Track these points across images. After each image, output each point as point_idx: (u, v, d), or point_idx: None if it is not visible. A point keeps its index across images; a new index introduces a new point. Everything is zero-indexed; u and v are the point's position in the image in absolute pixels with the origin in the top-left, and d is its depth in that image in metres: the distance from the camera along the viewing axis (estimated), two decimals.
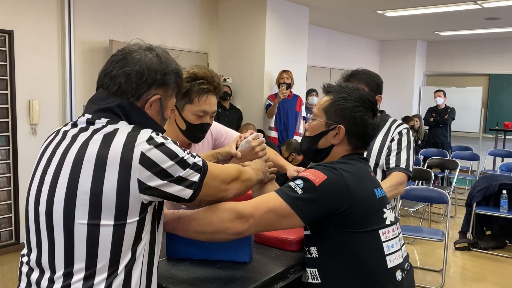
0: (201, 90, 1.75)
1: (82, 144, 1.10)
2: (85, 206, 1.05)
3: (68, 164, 1.09)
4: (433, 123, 7.29)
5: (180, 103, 1.77)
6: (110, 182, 1.05)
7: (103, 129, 1.11)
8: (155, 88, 1.19)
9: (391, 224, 1.43)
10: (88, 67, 4.66)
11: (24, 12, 4.17)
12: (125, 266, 1.10)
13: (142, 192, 1.07)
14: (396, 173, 2.12)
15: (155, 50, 1.23)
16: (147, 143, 1.08)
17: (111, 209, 1.05)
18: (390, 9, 6.26)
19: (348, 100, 1.48)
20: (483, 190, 4.61)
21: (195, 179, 1.14)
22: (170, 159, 1.09)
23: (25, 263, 1.16)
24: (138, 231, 1.10)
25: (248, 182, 1.38)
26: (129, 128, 1.12)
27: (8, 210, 4.21)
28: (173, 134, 1.84)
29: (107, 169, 1.05)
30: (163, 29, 5.39)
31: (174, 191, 1.11)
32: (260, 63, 5.69)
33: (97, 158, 1.06)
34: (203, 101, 1.76)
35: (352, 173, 1.39)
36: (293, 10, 5.96)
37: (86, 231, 1.05)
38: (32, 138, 4.29)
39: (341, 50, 8.51)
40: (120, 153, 1.06)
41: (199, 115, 1.77)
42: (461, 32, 8.11)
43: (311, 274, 1.42)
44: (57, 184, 1.08)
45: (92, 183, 1.05)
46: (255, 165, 1.53)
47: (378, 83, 2.23)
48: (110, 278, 1.08)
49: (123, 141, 1.08)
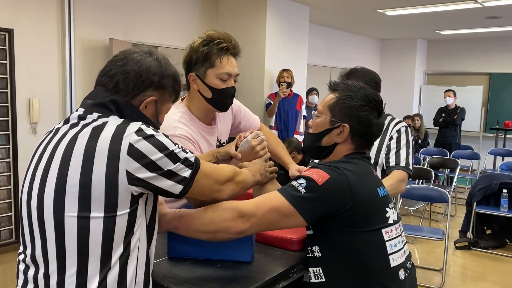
0: (220, 50, 1.70)
1: (71, 138, 1.10)
2: (75, 199, 1.05)
3: (57, 158, 1.09)
4: (443, 123, 7.23)
5: (201, 70, 1.72)
6: (99, 174, 1.05)
7: (92, 123, 1.12)
8: (151, 90, 1.20)
9: (393, 223, 1.43)
10: (88, 66, 4.66)
11: (24, 10, 4.16)
12: (119, 259, 1.09)
13: (131, 183, 1.07)
14: (396, 171, 2.12)
15: (155, 54, 1.24)
16: (136, 134, 1.08)
17: (100, 201, 1.05)
18: (390, 8, 6.25)
19: (354, 98, 1.47)
20: (484, 189, 4.61)
21: (186, 175, 1.14)
22: (159, 151, 1.09)
23: (22, 261, 1.17)
24: (129, 224, 1.10)
25: (243, 183, 1.37)
26: (119, 121, 1.12)
27: (8, 208, 4.21)
28: (198, 107, 1.80)
29: (95, 160, 1.05)
30: (163, 28, 5.38)
31: (164, 186, 1.11)
32: (260, 62, 5.68)
33: (85, 150, 1.07)
34: (225, 62, 1.71)
35: (355, 172, 1.39)
36: (293, 8, 5.95)
37: (76, 224, 1.06)
38: (32, 136, 4.28)
39: (342, 49, 8.50)
40: (108, 144, 1.06)
41: (224, 78, 1.72)
42: (462, 31, 8.11)
43: (314, 273, 1.41)
44: (47, 178, 1.09)
45: (81, 176, 1.05)
46: (253, 166, 1.52)
47: (376, 81, 2.22)
48: (104, 272, 1.08)
49: (112, 133, 1.08)
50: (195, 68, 1.74)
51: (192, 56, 1.73)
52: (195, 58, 1.72)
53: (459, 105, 7.36)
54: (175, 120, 1.74)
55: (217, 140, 1.91)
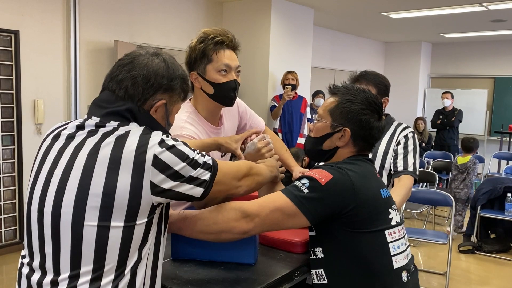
0: (216, 44, 1.70)
1: (93, 147, 1.10)
2: (96, 209, 1.05)
3: (78, 167, 1.08)
4: (440, 125, 7.24)
5: (201, 67, 1.73)
6: (124, 184, 1.05)
7: (114, 132, 1.11)
8: (161, 93, 1.19)
9: (396, 224, 1.43)
10: (93, 67, 4.68)
11: (29, 12, 4.19)
12: (132, 267, 1.10)
13: (154, 194, 1.08)
14: (405, 176, 2.13)
15: (162, 55, 1.23)
16: (159, 145, 1.09)
17: (122, 211, 1.06)
18: (395, 11, 6.25)
19: (354, 102, 1.47)
20: (488, 193, 4.59)
21: (206, 178, 1.15)
22: (181, 161, 1.10)
23: (26, 264, 1.16)
24: (145, 232, 1.11)
25: (259, 177, 1.38)
26: (140, 130, 1.12)
27: (12, 209, 4.22)
28: (204, 106, 1.80)
29: (120, 171, 1.06)
30: (167, 30, 5.40)
31: (185, 190, 1.12)
32: (264, 64, 5.68)
33: (110, 160, 1.06)
34: (221, 55, 1.71)
35: (357, 173, 1.39)
36: (298, 11, 5.96)
37: (95, 233, 1.05)
38: (36, 137, 4.30)
39: (346, 52, 8.50)
40: (134, 155, 1.07)
41: (223, 69, 1.72)
42: (467, 34, 8.09)
43: (316, 275, 1.41)
44: (66, 186, 1.08)
45: (105, 185, 1.05)
46: (270, 162, 1.54)
47: (386, 85, 2.24)
48: (117, 280, 1.08)
49: (136, 143, 1.08)
50: (195, 67, 1.75)
51: (191, 55, 1.74)
52: (193, 57, 1.74)
53: (463, 108, 7.34)
54: (182, 120, 1.74)
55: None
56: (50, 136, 1.20)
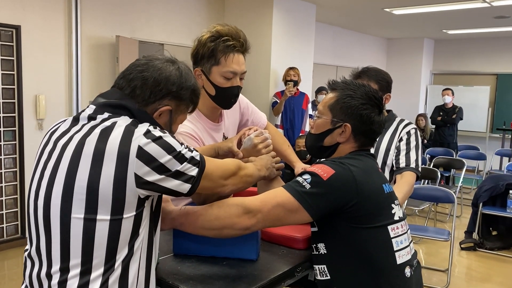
0: (226, 48, 1.65)
1: (81, 139, 1.10)
2: (82, 201, 1.05)
3: (66, 159, 1.09)
4: (441, 122, 7.23)
5: (207, 66, 1.68)
6: (107, 176, 1.05)
7: (101, 124, 1.11)
8: (168, 99, 1.20)
9: (399, 220, 1.42)
10: (95, 63, 4.67)
11: (31, 7, 4.18)
12: (122, 261, 1.09)
13: (139, 186, 1.07)
14: (408, 173, 2.13)
15: (178, 63, 1.23)
16: (145, 136, 1.07)
17: (107, 204, 1.05)
18: (397, 7, 6.22)
19: (354, 97, 1.46)
20: (490, 190, 4.58)
21: (194, 174, 1.14)
22: (167, 153, 1.09)
23: (27, 257, 1.17)
24: (135, 226, 1.10)
25: (247, 178, 1.37)
26: (127, 122, 1.12)
27: (14, 204, 4.23)
28: (204, 103, 1.75)
29: (104, 163, 1.05)
30: (169, 26, 5.38)
31: (172, 186, 1.11)
32: (266, 60, 5.67)
33: (94, 152, 1.06)
34: (230, 60, 1.66)
35: (360, 168, 1.38)
36: (299, 7, 5.94)
37: (82, 226, 1.05)
38: (38, 133, 4.30)
39: (348, 48, 8.47)
40: (118, 147, 1.06)
41: (228, 77, 1.68)
42: (469, 31, 8.06)
43: (319, 271, 1.41)
44: (55, 179, 1.09)
45: (89, 178, 1.05)
46: (259, 161, 1.51)
47: (388, 81, 2.23)
48: (107, 274, 1.08)
49: (121, 135, 1.07)
50: (201, 64, 1.71)
51: (199, 50, 1.70)
52: (201, 53, 1.69)
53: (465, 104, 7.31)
54: None
55: (223, 137, 1.90)
56: (50, 131, 1.21)
